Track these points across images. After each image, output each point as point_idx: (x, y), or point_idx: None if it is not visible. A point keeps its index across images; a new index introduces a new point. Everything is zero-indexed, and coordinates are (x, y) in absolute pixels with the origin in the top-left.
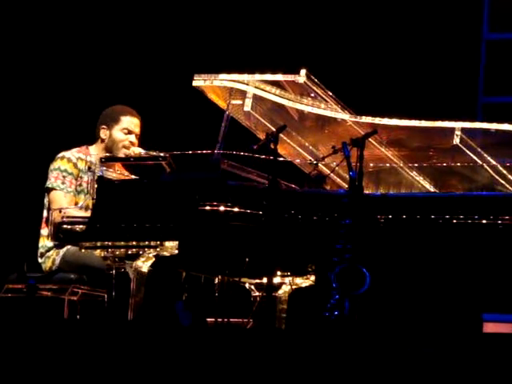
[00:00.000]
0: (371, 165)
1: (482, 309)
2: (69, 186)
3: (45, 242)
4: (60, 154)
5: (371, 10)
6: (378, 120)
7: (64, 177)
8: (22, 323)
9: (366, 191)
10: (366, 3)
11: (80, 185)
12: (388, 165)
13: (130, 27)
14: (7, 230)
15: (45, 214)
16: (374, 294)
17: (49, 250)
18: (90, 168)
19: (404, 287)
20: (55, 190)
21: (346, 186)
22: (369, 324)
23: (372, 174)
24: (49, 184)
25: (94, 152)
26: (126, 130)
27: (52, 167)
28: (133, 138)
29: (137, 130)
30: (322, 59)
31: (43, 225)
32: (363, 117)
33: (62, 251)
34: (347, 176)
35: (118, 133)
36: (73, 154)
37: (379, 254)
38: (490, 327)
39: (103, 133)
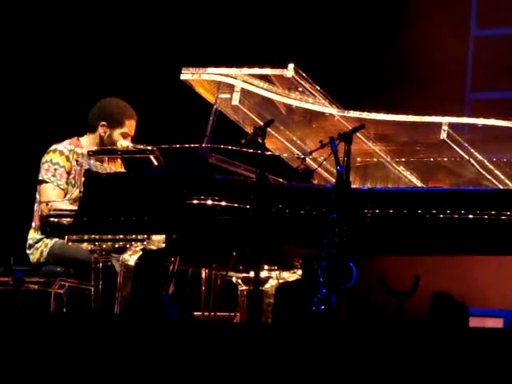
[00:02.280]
0: (358, 159)
1: (469, 303)
2: (59, 178)
3: (34, 234)
4: (52, 147)
5: (356, 4)
6: (365, 114)
7: (55, 169)
8: (8, 316)
9: (353, 186)
10: None
11: (74, 178)
12: (375, 159)
13: (119, 20)
14: None
15: (35, 207)
16: (360, 288)
17: (37, 241)
18: (77, 161)
19: (390, 280)
20: (45, 182)
21: (334, 181)
22: (356, 318)
23: (359, 168)
24: (40, 176)
25: (86, 144)
26: (125, 134)
27: (44, 160)
28: (125, 142)
29: (133, 132)
30: (310, 53)
31: (34, 217)
32: (351, 111)
33: (50, 243)
34: (335, 170)
35: (117, 135)
36: (65, 146)
37: (366, 249)
38: (476, 322)
39: (103, 130)
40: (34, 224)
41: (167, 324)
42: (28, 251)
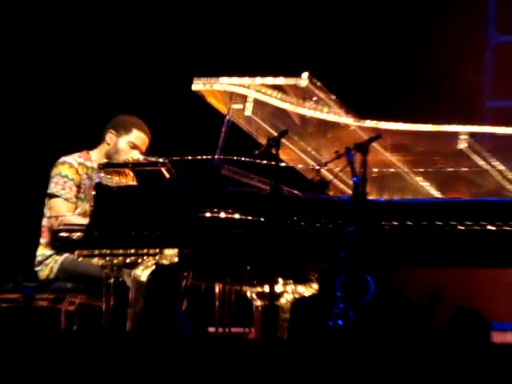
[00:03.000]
0: (375, 170)
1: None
2: (68, 192)
3: (43, 251)
4: (61, 160)
5: (373, 11)
6: (382, 124)
7: (65, 182)
8: (18, 334)
9: (370, 197)
10: (367, 5)
11: (84, 191)
12: (392, 170)
13: (130, 31)
14: (4, 238)
15: (44, 222)
16: (378, 303)
17: (47, 258)
18: (87, 174)
19: (409, 295)
20: (55, 196)
21: (350, 192)
22: (374, 333)
23: (376, 179)
24: (49, 190)
25: (96, 157)
26: (132, 144)
27: (53, 173)
28: (136, 154)
29: (143, 147)
30: (325, 62)
31: (42, 233)
32: (367, 121)
33: (61, 259)
34: (351, 182)
35: (124, 144)
36: (74, 159)
37: (384, 262)
38: (499, 337)
39: (110, 137)
40: (42, 240)
41: (180, 341)
42: (37, 268)
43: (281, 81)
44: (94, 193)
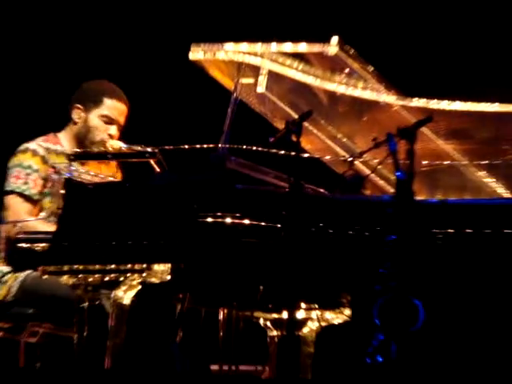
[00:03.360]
0: (425, 162)
1: None
2: (32, 186)
3: (1, 268)
4: (22, 147)
5: None
6: (433, 104)
7: (27, 175)
8: None
9: (418, 197)
10: None
11: (52, 186)
12: (447, 162)
13: None
14: None
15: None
16: (428, 334)
17: (3, 275)
18: (54, 167)
19: (468, 324)
20: (13, 192)
21: (392, 191)
22: (422, 373)
23: (426, 174)
24: (7, 186)
25: (65, 140)
26: (106, 118)
27: (12, 163)
28: (114, 129)
29: (121, 119)
30: (359, 24)
31: None
32: (414, 99)
33: (21, 277)
34: (393, 177)
35: (96, 119)
36: (39, 144)
37: (436, 281)
38: None
39: (76, 114)
40: None
41: (175, 382)
42: None
43: (303, 47)
44: (63, 191)
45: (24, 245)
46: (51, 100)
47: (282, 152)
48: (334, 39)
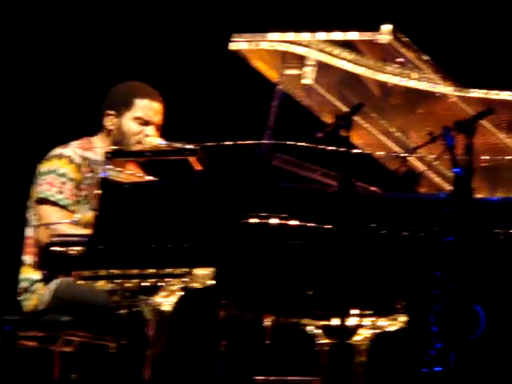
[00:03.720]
0: (485, 158)
1: None
2: (68, 196)
3: (28, 273)
4: (56, 151)
5: None
6: (494, 94)
7: (63, 183)
8: None
9: (478, 195)
10: None
11: (83, 192)
12: (510, 157)
13: None
14: None
15: (28, 232)
16: (490, 342)
17: (33, 283)
18: (90, 165)
19: None
20: (48, 201)
21: (449, 188)
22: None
23: (487, 170)
24: (40, 193)
25: (99, 146)
26: (140, 120)
27: (44, 169)
28: (150, 130)
29: (157, 118)
30: (413, 11)
31: (26, 248)
32: (473, 90)
33: (55, 284)
34: (450, 174)
35: (130, 123)
36: (74, 150)
37: (498, 285)
38: None
39: (109, 121)
40: (27, 258)
41: None
42: (20, 297)
43: (353, 36)
44: (98, 191)
45: (58, 248)
46: (85, 102)
47: (331, 148)
48: (387, 27)
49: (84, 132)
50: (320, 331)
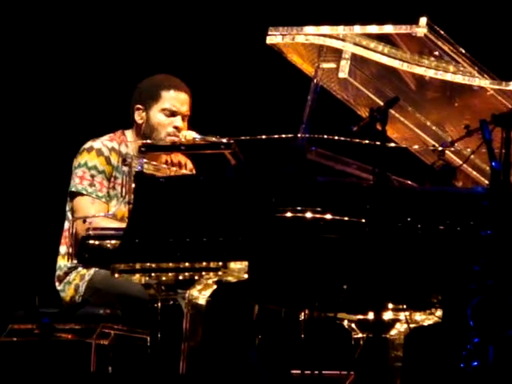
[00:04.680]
0: None
1: None
2: (99, 189)
3: (64, 262)
4: (87, 145)
5: None
6: None
7: (93, 176)
8: (33, 377)
9: None
10: None
11: (114, 187)
12: None
13: None
14: (14, 246)
15: (66, 225)
16: None
17: (69, 272)
18: (124, 160)
19: None
20: (80, 194)
21: (487, 182)
22: None
23: None
24: (72, 187)
25: (132, 139)
26: (167, 112)
27: (76, 163)
28: (178, 121)
29: (184, 108)
30: (450, 4)
31: (63, 240)
32: (511, 83)
33: (88, 275)
34: (487, 168)
35: (158, 115)
36: (104, 143)
37: None
38: None
39: (138, 115)
40: (63, 249)
41: None
42: (58, 286)
43: (389, 29)
44: (133, 185)
45: (94, 242)
46: (122, 96)
47: (366, 141)
48: (423, 20)
49: (121, 126)
50: (356, 325)
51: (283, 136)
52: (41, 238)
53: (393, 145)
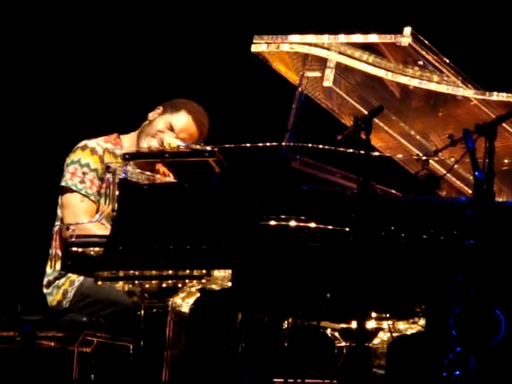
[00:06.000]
0: (506, 161)
1: None
2: (89, 186)
3: (52, 266)
4: (81, 143)
5: None
6: None
7: (84, 173)
8: None
9: (499, 198)
10: None
11: (106, 187)
12: None
13: None
14: None
15: (57, 226)
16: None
17: (59, 277)
18: (108, 168)
19: None
20: (70, 190)
21: (470, 192)
22: None
23: (508, 173)
24: (63, 182)
25: (128, 144)
26: (169, 125)
27: (69, 160)
28: (170, 137)
29: (183, 135)
30: (433, 14)
31: (53, 242)
32: (494, 93)
33: (78, 281)
34: (471, 177)
35: (162, 122)
36: (99, 143)
37: None
38: None
39: (154, 113)
40: (51, 252)
41: None
42: (45, 290)
43: (374, 38)
44: (117, 193)
45: (77, 249)
46: (122, 104)
47: (351, 150)
48: (407, 29)
49: (116, 130)
50: (339, 334)
51: (268, 144)
52: (24, 244)
53: (377, 154)
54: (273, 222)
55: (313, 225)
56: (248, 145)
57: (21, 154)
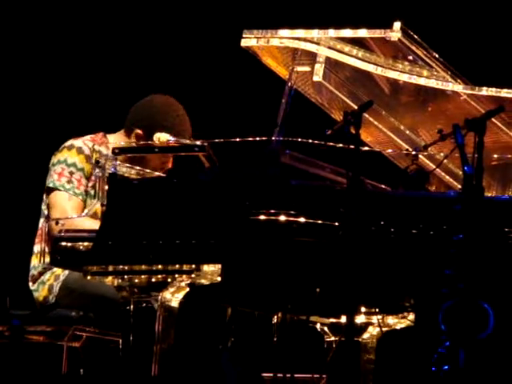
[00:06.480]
0: (495, 156)
1: None
2: (77, 186)
3: (39, 262)
4: (67, 143)
5: None
6: (504, 92)
7: (71, 173)
8: (4, 380)
9: (488, 194)
10: None
11: (93, 186)
12: None
13: None
14: None
15: (40, 223)
16: (499, 341)
17: (43, 272)
18: (97, 162)
19: None
20: (57, 190)
21: (459, 187)
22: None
23: (497, 169)
24: (50, 183)
25: (114, 142)
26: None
27: (55, 160)
28: (165, 135)
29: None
30: (423, 9)
31: (37, 239)
32: (484, 88)
33: (63, 275)
34: (460, 172)
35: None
36: (85, 142)
37: (507, 284)
38: None
39: (135, 137)
40: (37, 248)
41: None
42: (32, 286)
43: (363, 33)
44: (106, 187)
45: (67, 243)
46: (107, 102)
47: (340, 145)
48: (397, 24)
49: (102, 129)
50: (328, 329)
51: (257, 139)
52: (12, 238)
53: (366, 148)
54: (262, 217)
55: (302, 219)
56: (238, 139)
57: (5, 151)
